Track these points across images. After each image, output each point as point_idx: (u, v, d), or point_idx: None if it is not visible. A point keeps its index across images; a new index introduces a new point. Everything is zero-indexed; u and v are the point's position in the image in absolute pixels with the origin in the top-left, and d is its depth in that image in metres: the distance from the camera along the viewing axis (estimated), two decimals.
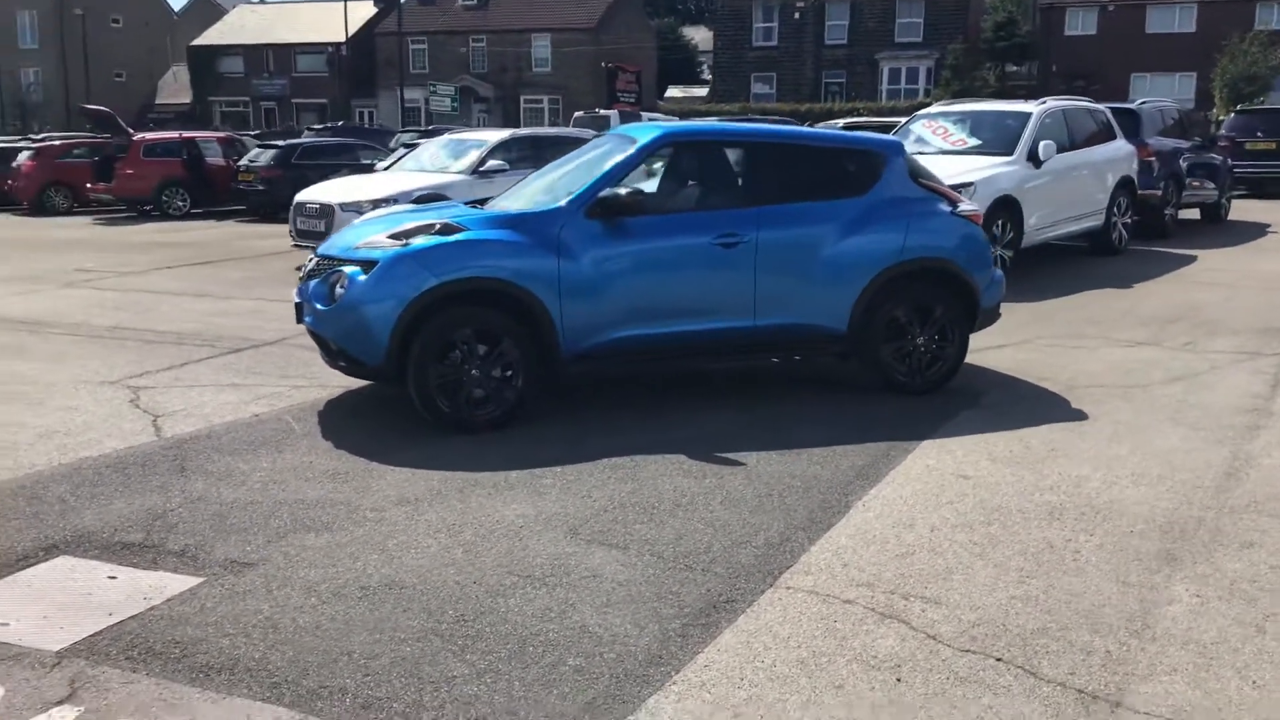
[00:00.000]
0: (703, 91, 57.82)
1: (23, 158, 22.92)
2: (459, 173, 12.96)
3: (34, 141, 25.82)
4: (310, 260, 6.35)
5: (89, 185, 21.58)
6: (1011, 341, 8.34)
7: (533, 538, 4.41)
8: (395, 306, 5.71)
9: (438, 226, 5.99)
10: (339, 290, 5.88)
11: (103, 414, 6.30)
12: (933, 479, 5.15)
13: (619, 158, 6.32)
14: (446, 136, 15.00)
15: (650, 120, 24.02)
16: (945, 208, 6.73)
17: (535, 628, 3.62)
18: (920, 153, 11.83)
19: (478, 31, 53.60)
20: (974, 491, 4.98)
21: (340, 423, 6.20)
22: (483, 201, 6.98)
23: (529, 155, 13.28)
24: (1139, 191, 13.56)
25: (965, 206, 6.85)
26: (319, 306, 5.98)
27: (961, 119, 12.33)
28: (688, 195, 6.73)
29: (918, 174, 6.82)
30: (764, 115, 31.40)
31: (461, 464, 5.36)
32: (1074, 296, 10.36)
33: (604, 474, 5.22)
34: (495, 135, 14.12)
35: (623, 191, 6.04)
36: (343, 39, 55.14)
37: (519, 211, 6.20)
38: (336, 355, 6.04)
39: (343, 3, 56.29)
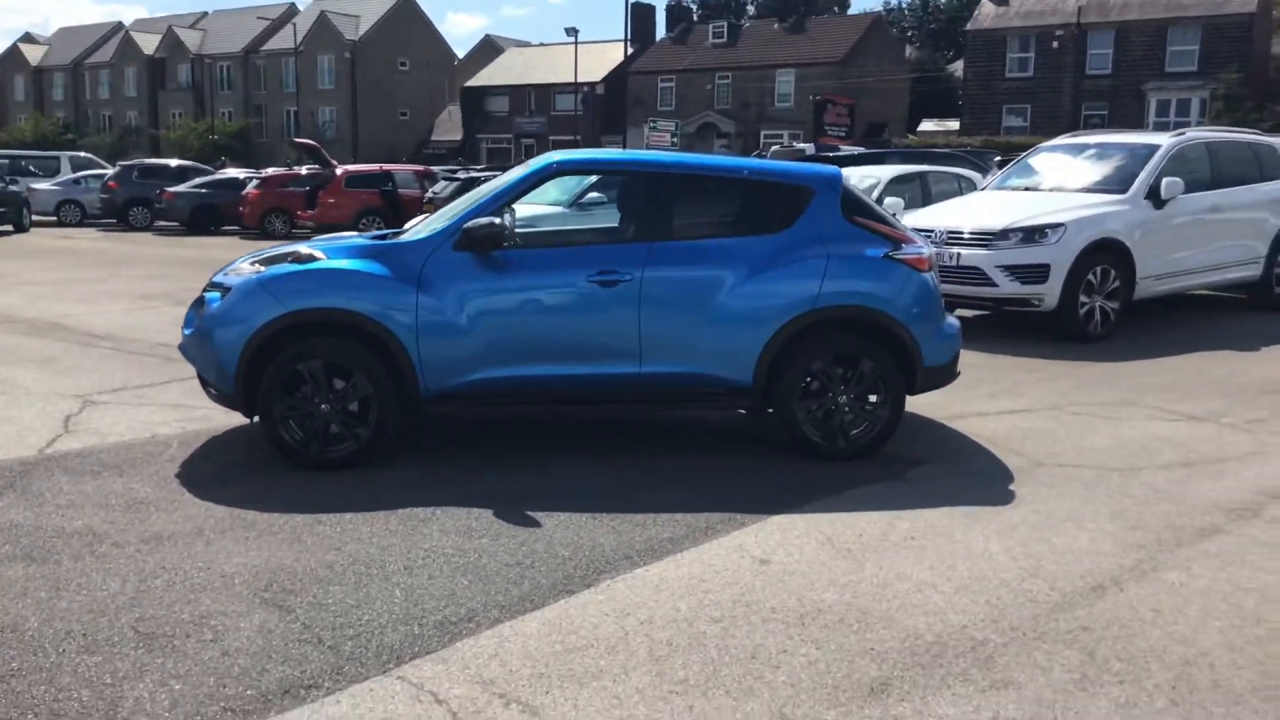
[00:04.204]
0: (957, 124, 55.44)
1: (250, 186, 25.02)
2: (555, 204, 12.85)
3: (261, 172, 28.16)
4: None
5: (299, 213, 23.23)
6: (1034, 406, 7.24)
7: (213, 591, 4.09)
8: (242, 334, 5.57)
9: (298, 254, 5.82)
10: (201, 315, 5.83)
11: (25, 426, 6.53)
12: (722, 561, 4.42)
13: (500, 186, 5.93)
14: None
15: (851, 152, 23.13)
16: (878, 250, 5.85)
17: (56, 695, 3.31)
18: (1027, 188, 10.69)
19: (724, 68, 53.91)
20: (749, 580, 4.21)
21: (219, 451, 6.12)
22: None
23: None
24: None
25: (910, 249, 5.93)
26: (185, 331, 5.95)
27: (1081, 151, 10.95)
28: (575, 228, 6.21)
29: (856, 210, 5.98)
30: (1008, 149, 29.51)
31: (271, 502, 5.11)
32: (1170, 358, 8.89)
33: (384, 525, 4.83)
34: None
35: (486, 222, 5.64)
36: (598, 79, 57.04)
37: (384, 242, 5.93)
38: (204, 383, 5.98)
39: (602, 44, 58.48)
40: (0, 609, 3.91)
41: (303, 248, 5.96)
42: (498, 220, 5.67)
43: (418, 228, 6.17)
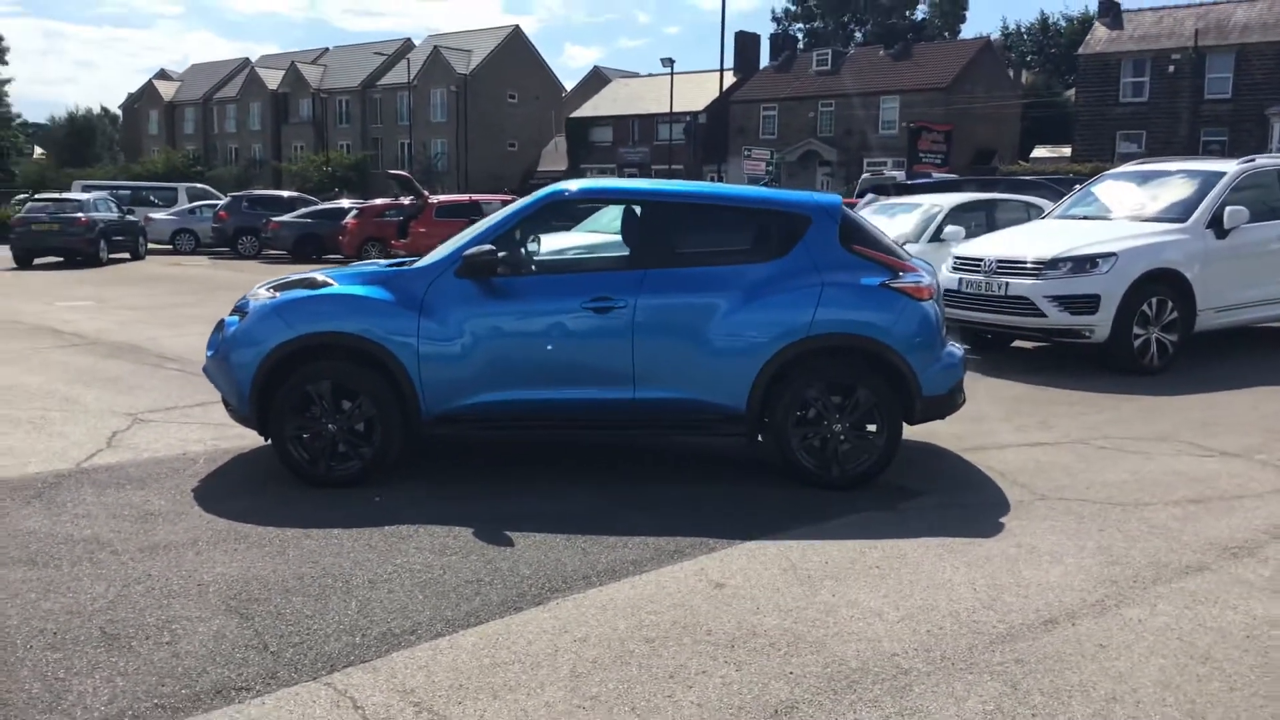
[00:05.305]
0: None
1: (349, 216, 25.94)
2: (606, 232, 13.06)
3: (359, 203, 29.15)
4: None
5: (392, 242, 23.97)
6: (1061, 439, 7.09)
7: (185, 598, 4.32)
8: (255, 356, 5.85)
9: (312, 280, 6.10)
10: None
11: (72, 441, 6.94)
12: (677, 584, 4.47)
13: (504, 215, 6.11)
14: None
15: (928, 180, 22.83)
16: (875, 278, 5.84)
17: None
18: (1086, 216, 10.46)
19: (827, 96, 53.71)
20: (696, 603, 4.26)
21: (241, 468, 6.40)
22: None
23: None
24: None
25: (909, 278, 5.89)
26: (208, 353, 6.27)
27: (1146, 179, 10.66)
28: (574, 256, 6.35)
29: (855, 239, 5.98)
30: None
31: (271, 517, 5.34)
32: (1222, 393, 8.58)
33: (366, 540, 5.01)
34: None
35: (485, 249, 5.82)
36: (700, 108, 57.47)
37: (392, 269, 6.16)
38: (226, 403, 6.28)
39: (706, 73, 58.85)
40: None
41: (317, 274, 6.24)
42: (481, 250, 5.83)
43: (427, 255, 6.40)
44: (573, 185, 6.35)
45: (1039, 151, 58.76)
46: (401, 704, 3.45)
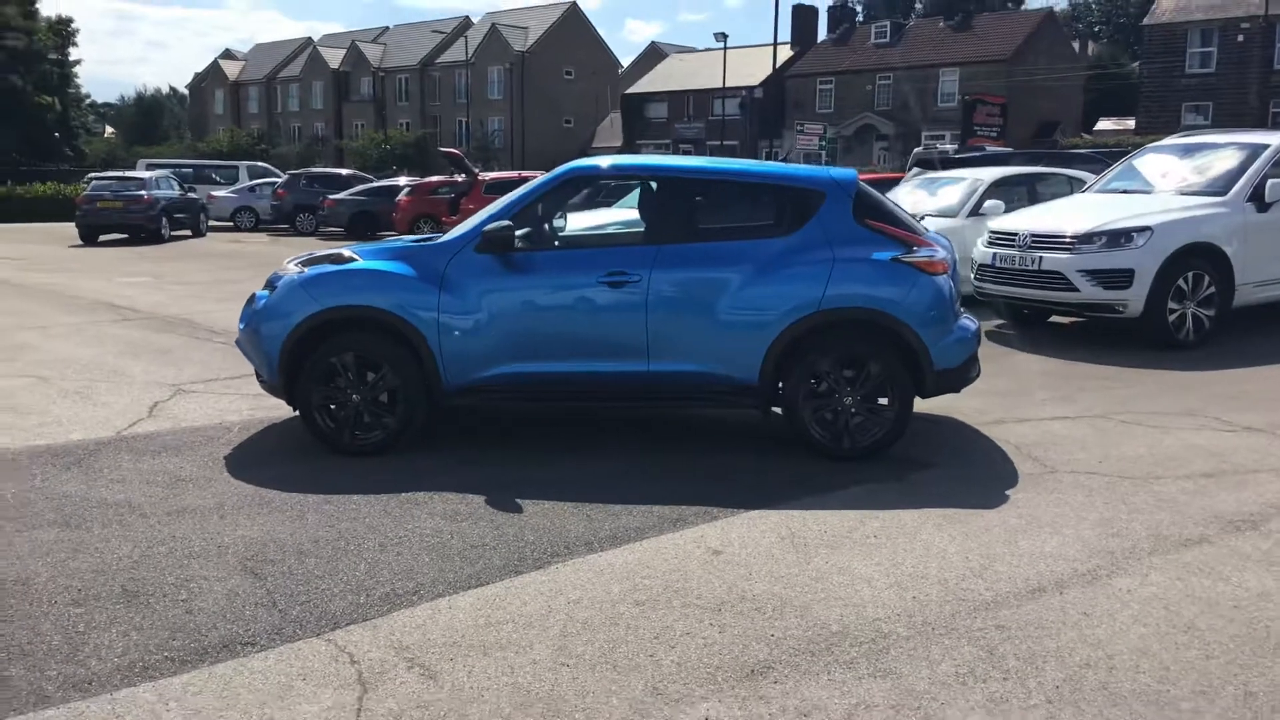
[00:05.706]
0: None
1: (402, 193, 26.30)
2: (624, 205, 13.14)
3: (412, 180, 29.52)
4: None
5: (443, 219, 24.26)
6: (1083, 414, 7.08)
7: (205, 558, 4.53)
8: (283, 329, 6.06)
9: (338, 255, 6.28)
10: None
11: (115, 411, 7.23)
12: (675, 550, 4.59)
13: (522, 192, 6.24)
14: None
15: (991, 153, 22.56)
16: (886, 253, 5.87)
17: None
18: (1126, 190, 10.34)
19: (885, 69, 53.05)
20: (691, 568, 4.38)
21: (273, 437, 6.64)
22: None
23: None
24: None
25: (922, 252, 5.91)
26: (240, 326, 6.50)
27: (1189, 152, 10.47)
28: (590, 232, 6.47)
29: (869, 213, 6.01)
30: None
31: (296, 484, 5.54)
32: (1260, 368, 8.51)
33: (382, 507, 5.19)
34: None
35: (502, 225, 5.96)
36: (756, 83, 57.05)
37: (415, 245, 6.32)
38: (258, 375, 6.51)
39: (762, 47, 58.45)
40: (22, 565, 4.46)
41: (344, 250, 6.43)
42: (497, 226, 5.97)
43: (451, 230, 6.55)
44: (602, 162, 6.48)
45: (1103, 124, 57.64)
46: (396, 659, 3.62)
